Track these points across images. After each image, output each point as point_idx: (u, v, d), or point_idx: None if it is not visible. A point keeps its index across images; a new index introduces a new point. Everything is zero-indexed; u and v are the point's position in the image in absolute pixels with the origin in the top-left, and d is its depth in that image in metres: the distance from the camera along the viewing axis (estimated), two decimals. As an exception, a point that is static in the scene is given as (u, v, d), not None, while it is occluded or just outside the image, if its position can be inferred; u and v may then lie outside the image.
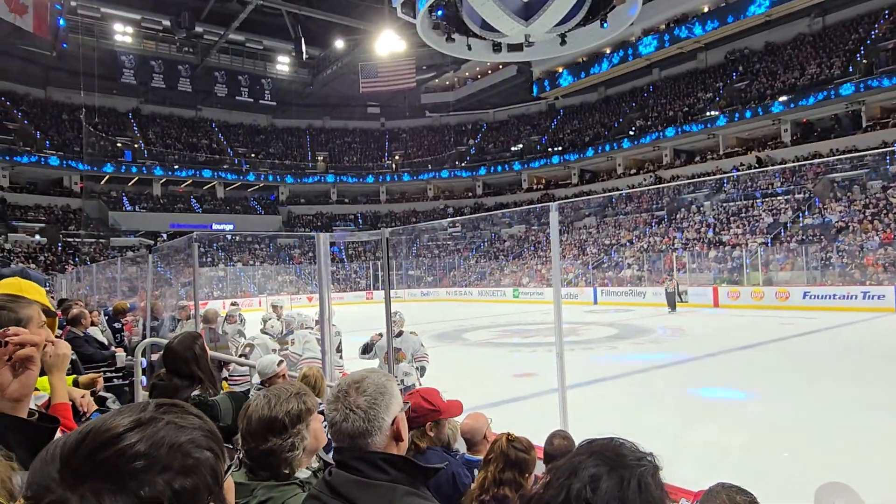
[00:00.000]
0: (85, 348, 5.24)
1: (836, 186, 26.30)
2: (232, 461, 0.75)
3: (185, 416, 0.71)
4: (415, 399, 2.55)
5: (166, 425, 0.68)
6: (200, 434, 0.70)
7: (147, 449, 0.65)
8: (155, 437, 0.66)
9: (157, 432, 0.67)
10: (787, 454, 5.66)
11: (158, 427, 0.67)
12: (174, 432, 0.68)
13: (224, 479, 0.72)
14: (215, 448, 0.71)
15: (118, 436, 0.65)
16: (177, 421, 0.69)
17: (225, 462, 0.73)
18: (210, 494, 0.68)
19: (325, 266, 4.71)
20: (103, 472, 0.63)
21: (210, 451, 0.70)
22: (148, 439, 0.65)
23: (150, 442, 0.65)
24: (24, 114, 37.10)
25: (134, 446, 0.64)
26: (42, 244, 32.20)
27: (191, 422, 0.71)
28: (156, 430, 0.67)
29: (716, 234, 27.28)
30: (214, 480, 0.69)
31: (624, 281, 26.98)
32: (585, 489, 0.81)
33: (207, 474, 0.68)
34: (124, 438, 0.65)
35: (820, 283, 20.73)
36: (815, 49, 31.61)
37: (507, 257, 36.13)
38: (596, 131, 40.36)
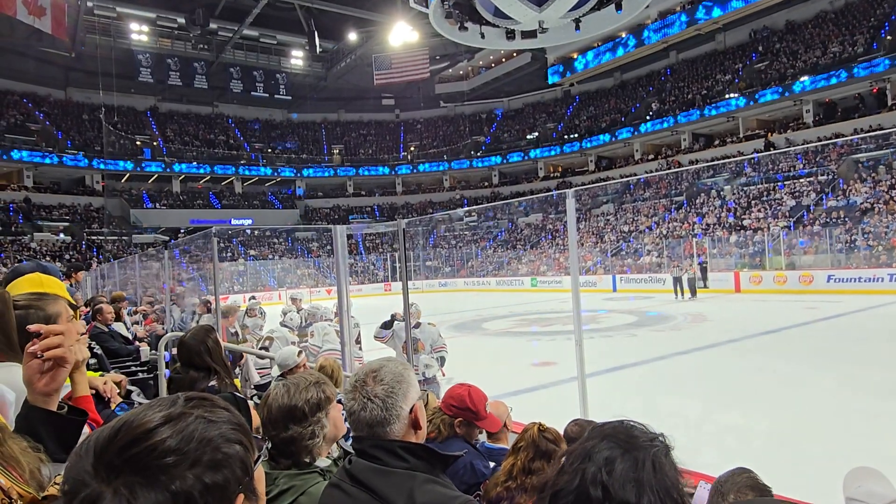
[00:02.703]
0: (110, 343, 5.35)
1: (860, 167, 25.70)
2: (261, 452, 0.76)
3: (215, 411, 0.73)
4: (462, 391, 2.53)
5: (196, 420, 0.69)
6: (229, 427, 0.72)
7: (178, 444, 0.66)
8: (185, 432, 0.67)
9: (187, 427, 0.68)
10: (813, 439, 5.58)
11: (189, 422, 0.69)
12: (204, 427, 0.69)
13: (254, 469, 0.73)
14: (244, 440, 0.72)
15: (150, 431, 0.67)
16: (206, 415, 0.71)
17: (254, 453, 0.74)
18: (240, 485, 0.69)
19: (342, 258, 4.74)
20: (135, 466, 0.64)
21: (239, 444, 0.71)
22: (178, 434, 0.67)
23: (180, 437, 0.67)
24: (46, 115, 37.75)
25: (165, 441, 0.66)
26: (67, 243, 32.86)
27: (220, 416, 0.72)
28: (186, 425, 0.68)
29: (737, 218, 26.86)
30: (244, 472, 0.70)
31: (643, 268, 26.73)
32: (601, 472, 0.81)
33: (237, 467, 0.69)
34: (156, 434, 0.66)
35: (845, 266, 20.33)
36: (838, 26, 30.82)
37: (525, 246, 35.99)
38: (612, 117, 39.89)
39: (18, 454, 1.03)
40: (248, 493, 0.71)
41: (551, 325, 15.29)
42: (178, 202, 40.28)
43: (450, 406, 2.52)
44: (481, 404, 2.55)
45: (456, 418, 2.51)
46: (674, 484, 0.84)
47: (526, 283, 30.50)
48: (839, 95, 29.30)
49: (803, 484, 4.08)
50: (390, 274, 35.02)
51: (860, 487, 1.50)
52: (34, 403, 1.19)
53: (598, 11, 15.23)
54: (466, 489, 2.24)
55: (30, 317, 1.49)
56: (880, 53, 26.77)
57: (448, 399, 2.55)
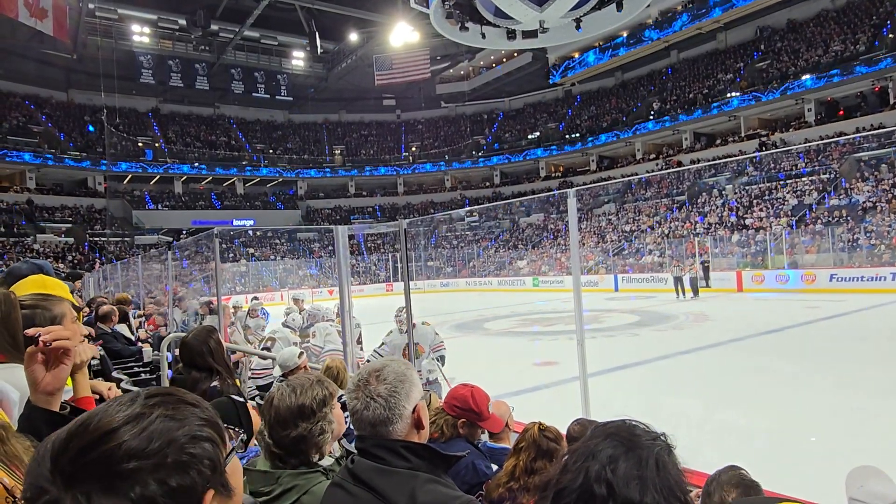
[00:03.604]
0: (113, 344, 5.36)
1: (862, 165, 25.65)
2: (234, 445, 0.72)
3: (179, 407, 0.68)
4: (465, 392, 2.53)
5: (158, 419, 0.65)
6: (196, 424, 0.67)
7: (137, 447, 0.62)
8: (146, 433, 0.63)
9: (148, 427, 0.64)
10: (814, 439, 5.58)
11: (150, 421, 0.64)
12: (167, 426, 0.65)
13: (225, 464, 0.69)
14: (213, 436, 0.68)
15: (108, 434, 0.62)
16: (170, 413, 0.66)
17: (226, 448, 0.70)
18: (208, 483, 0.65)
19: (344, 259, 4.74)
20: (93, 472, 0.61)
21: (208, 440, 0.67)
22: (138, 436, 0.63)
23: (140, 438, 0.63)
24: (48, 117, 37.82)
25: (123, 445, 0.62)
26: (69, 244, 32.92)
27: (185, 412, 0.68)
28: (147, 425, 0.64)
29: (739, 217, 26.83)
30: (213, 470, 0.66)
31: (645, 267, 26.71)
32: (605, 470, 0.82)
33: (205, 467, 0.66)
34: (114, 437, 0.62)
35: (847, 265, 20.29)
36: (840, 25, 30.77)
37: (527, 246, 35.97)
38: (613, 117, 39.86)
39: (22, 453, 1.04)
40: (219, 489, 0.68)
41: (553, 324, 15.28)
42: (180, 203, 40.34)
43: (453, 406, 2.52)
44: (484, 405, 2.54)
45: (459, 419, 2.51)
46: (677, 482, 0.84)
47: (528, 282, 30.49)
48: (841, 94, 29.24)
49: (804, 483, 4.08)
50: (392, 274, 35.04)
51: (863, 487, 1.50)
52: (37, 404, 1.20)
53: (599, 11, 15.21)
54: (468, 489, 2.24)
55: (36, 317, 1.50)
56: (882, 52, 26.71)
57: (451, 399, 2.55)
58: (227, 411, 2.03)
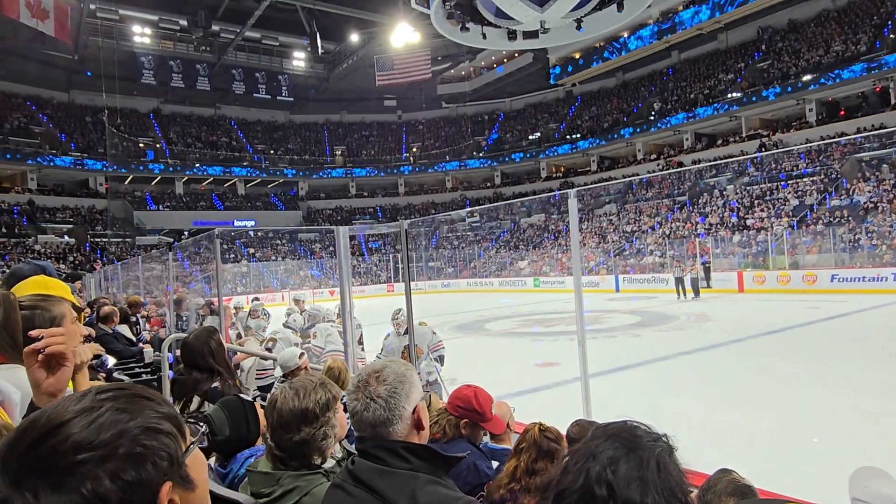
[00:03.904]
0: (114, 345, 5.36)
1: (863, 166, 25.62)
2: (196, 438, 0.70)
3: (133, 400, 0.66)
4: (468, 392, 2.54)
5: (108, 411, 0.63)
6: (152, 417, 0.65)
7: (86, 439, 0.60)
8: (95, 425, 0.61)
9: (97, 419, 0.61)
10: (816, 439, 5.57)
11: (100, 414, 0.62)
12: (117, 418, 0.62)
13: (185, 457, 0.67)
14: (169, 429, 0.66)
15: (56, 428, 0.60)
16: (122, 406, 0.64)
17: (185, 441, 0.68)
18: (165, 476, 0.63)
19: (345, 259, 4.74)
20: (39, 468, 0.58)
21: (163, 433, 0.65)
22: (86, 428, 0.60)
23: (89, 430, 0.60)
24: (49, 117, 37.87)
25: (70, 438, 0.59)
26: (70, 245, 32.95)
27: (137, 405, 0.65)
28: (96, 418, 0.61)
29: (740, 218, 26.81)
30: (170, 463, 0.64)
31: (646, 268, 26.69)
32: (606, 471, 0.82)
33: (161, 459, 0.63)
34: (62, 430, 0.60)
35: (849, 266, 20.26)
36: (841, 25, 30.74)
37: (528, 247, 35.97)
38: (614, 117, 39.85)
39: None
40: (179, 481, 0.65)
41: (554, 325, 15.28)
42: (181, 204, 40.37)
43: (456, 407, 2.52)
44: (487, 406, 2.55)
45: (462, 419, 2.51)
46: (678, 483, 0.84)
47: (529, 283, 30.48)
48: (842, 94, 29.22)
49: (806, 484, 4.07)
50: (393, 275, 35.04)
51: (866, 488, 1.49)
52: (39, 405, 1.20)
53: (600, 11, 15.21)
54: (470, 490, 2.24)
55: (36, 318, 1.50)
56: (883, 52, 26.68)
57: (454, 400, 2.55)
58: (235, 410, 2.03)
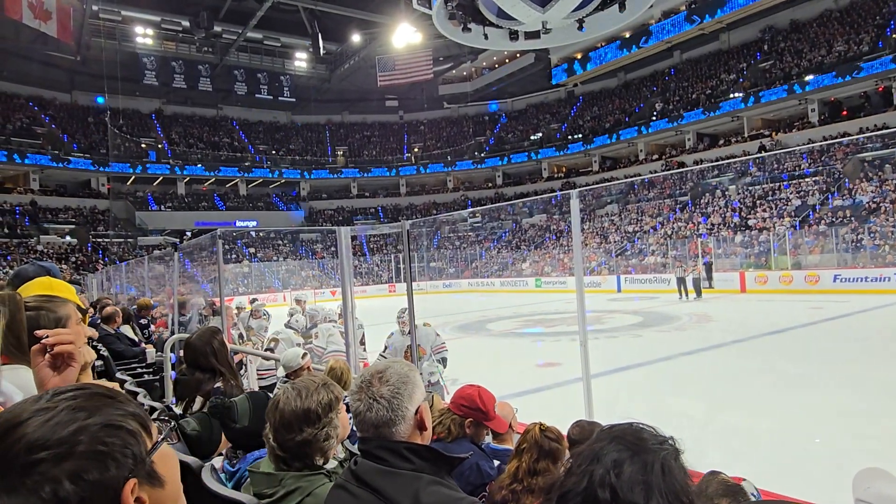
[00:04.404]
0: (116, 345, 5.37)
1: (866, 166, 25.57)
2: (163, 435, 0.68)
3: (91, 398, 0.63)
4: (471, 391, 2.56)
5: (65, 411, 0.60)
6: (115, 414, 0.63)
7: (42, 437, 0.57)
8: (51, 423, 0.59)
9: (53, 417, 0.59)
10: (818, 440, 5.56)
11: (56, 412, 0.60)
12: (75, 416, 0.60)
13: (151, 454, 0.65)
14: (132, 426, 0.64)
15: (10, 429, 0.58)
16: (80, 404, 0.62)
17: (152, 438, 0.66)
18: (129, 473, 0.61)
19: (346, 260, 4.74)
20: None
21: (125, 430, 0.63)
22: (42, 426, 0.58)
23: (45, 429, 0.58)
24: (52, 118, 37.94)
25: (25, 437, 0.57)
26: (73, 245, 33.00)
27: (96, 403, 0.63)
28: (52, 416, 0.59)
29: (742, 218, 26.77)
30: (134, 460, 0.62)
31: (648, 268, 26.67)
32: (609, 474, 0.81)
33: (123, 456, 0.61)
34: (17, 430, 0.58)
35: (851, 266, 20.23)
36: (843, 25, 30.69)
37: (529, 247, 35.96)
38: (616, 117, 39.82)
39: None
40: (145, 478, 0.63)
41: (556, 325, 15.27)
42: (183, 204, 40.42)
43: (460, 406, 2.53)
44: (491, 405, 2.57)
45: (466, 418, 2.52)
46: (682, 488, 0.83)
47: (530, 283, 30.47)
48: (844, 94, 29.16)
49: (809, 485, 4.07)
50: (394, 275, 35.05)
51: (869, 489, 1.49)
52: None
53: (602, 12, 15.20)
54: (472, 490, 2.24)
55: (41, 318, 1.51)
56: (886, 52, 26.63)
57: (458, 399, 2.56)
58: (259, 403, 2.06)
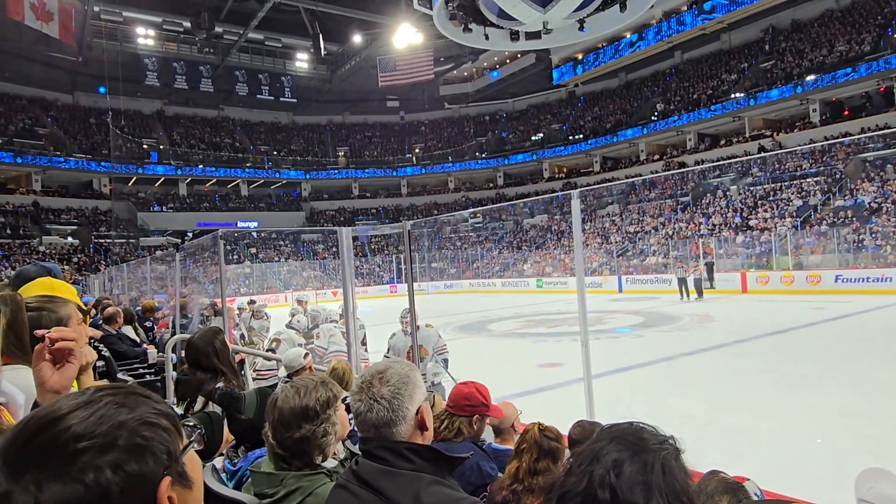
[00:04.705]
0: (118, 345, 5.38)
1: (868, 166, 25.54)
2: (192, 438, 0.71)
3: (129, 397, 0.67)
4: (470, 389, 2.58)
5: (107, 405, 0.64)
6: (148, 411, 0.66)
7: (85, 429, 0.61)
8: (94, 417, 0.62)
9: (96, 412, 0.63)
10: (820, 440, 5.56)
11: (99, 407, 0.63)
12: (115, 410, 0.64)
13: (182, 455, 0.68)
14: (167, 425, 0.67)
15: (55, 420, 0.62)
16: (120, 400, 0.66)
17: (182, 439, 0.69)
18: (165, 470, 0.65)
19: (348, 260, 4.74)
20: (41, 458, 0.59)
21: (161, 428, 0.66)
22: (86, 419, 0.62)
23: (88, 422, 0.61)
24: (54, 119, 38.00)
25: (71, 428, 0.61)
26: (75, 246, 33.05)
27: (135, 401, 0.67)
28: (95, 410, 0.63)
29: (743, 218, 26.75)
30: (169, 457, 0.65)
31: (649, 268, 26.65)
32: (609, 474, 0.81)
33: (160, 453, 0.64)
34: (61, 421, 0.61)
35: (853, 266, 20.20)
36: (844, 25, 30.66)
37: (530, 247, 35.95)
38: (617, 117, 39.80)
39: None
40: (177, 478, 0.66)
41: (557, 325, 15.26)
42: (184, 205, 40.46)
43: (464, 407, 2.53)
44: (489, 396, 2.62)
45: (472, 416, 2.53)
46: (683, 488, 0.83)
47: (531, 284, 30.45)
48: (846, 94, 29.12)
49: (811, 485, 4.06)
50: (396, 276, 35.05)
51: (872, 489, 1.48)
52: (42, 404, 1.20)
53: (603, 12, 15.20)
54: (473, 490, 2.24)
55: (42, 318, 1.51)
56: (887, 52, 26.59)
57: (461, 400, 2.56)
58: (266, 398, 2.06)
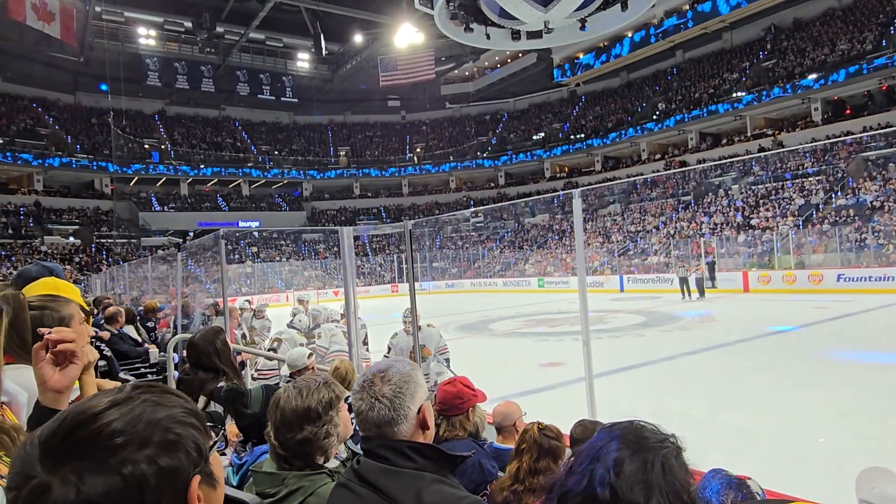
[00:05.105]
0: (119, 345, 5.39)
1: (870, 165, 25.49)
2: (217, 438, 0.74)
3: (163, 396, 0.71)
4: (457, 387, 2.59)
5: (143, 403, 0.68)
6: (180, 411, 0.70)
7: (124, 426, 0.64)
8: (132, 414, 0.66)
9: (133, 409, 0.66)
10: (822, 440, 5.55)
11: (135, 405, 0.67)
12: (152, 409, 0.68)
13: (209, 453, 0.71)
14: (197, 424, 0.71)
15: (95, 416, 0.65)
16: (154, 399, 0.69)
17: (210, 439, 0.72)
18: (196, 468, 0.67)
19: (349, 260, 4.75)
20: (81, 451, 0.62)
21: (192, 426, 0.69)
22: (124, 416, 0.65)
23: (127, 419, 0.65)
24: (55, 119, 38.05)
25: (111, 424, 0.64)
26: (76, 246, 33.09)
27: (169, 400, 0.70)
28: (132, 408, 0.66)
29: (745, 217, 26.71)
30: (199, 455, 0.69)
31: (651, 268, 26.62)
32: (609, 473, 0.80)
33: (191, 449, 0.68)
34: (101, 417, 0.65)
35: (855, 265, 20.16)
36: (846, 24, 30.59)
37: (532, 247, 35.93)
38: (619, 117, 39.76)
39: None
40: (205, 477, 0.69)
41: (559, 325, 15.25)
42: (186, 205, 40.50)
43: (458, 405, 2.54)
44: (471, 383, 2.66)
45: (467, 411, 2.54)
46: (683, 486, 0.83)
47: (533, 283, 30.44)
48: (848, 93, 29.06)
49: (812, 484, 4.06)
50: (397, 275, 35.06)
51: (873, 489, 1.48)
52: (45, 403, 1.21)
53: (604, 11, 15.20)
54: (475, 487, 2.24)
55: (45, 318, 1.52)
56: (889, 50, 26.53)
57: (453, 400, 2.56)
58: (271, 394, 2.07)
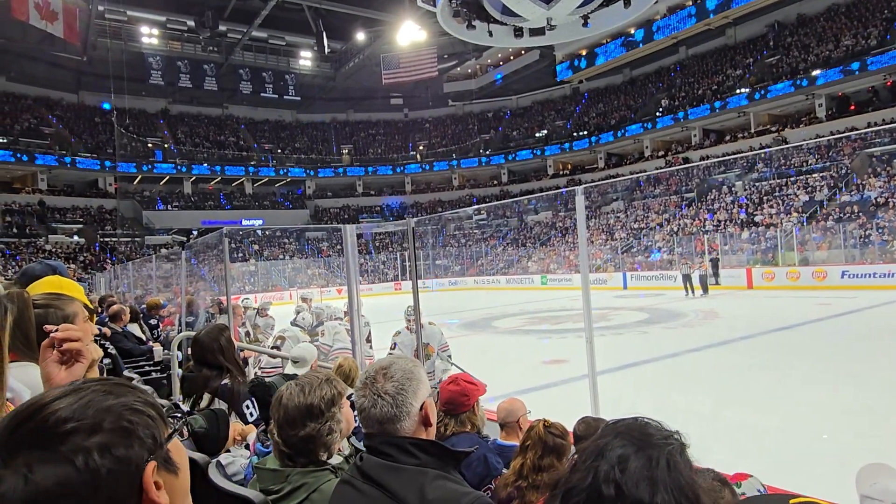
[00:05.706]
0: (124, 343, 5.40)
1: (874, 161, 25.39)
2: (177, 427, 0.74)
3: (116, 387, 0.70)
4: (461, 386, 2.59)
5: (92, 392, 0.67)
6: (133, 399, 0.69)
7: (72, 413, 0.64)
8: (80, 402, 0.65)
9: (82, 398, 0.66)
10: (826, 436, 5.54)
11: (85, 394, 0.67)
12: (102, 397, 0.67)
13: (168, 441, 0.70)
14: (152, 413, 0.70)
15: (43, 406, 0.65)
16: (105, 389, 0.69)
17: (167, 428, 0.71)
18: (151, 454, 0.67)
19: (352, 258, 4.75)
20: (31, 440, 0.62)
21: (146, 415, 0.69)
22: (72, 405, 0.65)
23: (75, 406, 0.65)
24: (59, 118, 38.15)
25: (57, 412, 0.64)
26: (81, 244, 33.20)
27: (121, 391, 0.70)
28: (81, 397, 0.66)
29: (748, 214, 26.64)
30: (154, 442, 0.68)
31: (654, 265, 26.57)
32: (614, 470, 0.80)
33: (146, 437, 0.67)
34: (48, 407, 0.64)
35: (859, 262, 20.09)
36: (850, 19, 30.45)
37: (535, 244, 35.91)
38: (622, 114, 39.67)
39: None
40: (162, 462, 0.69)
41: (562, 322, 15.24)
42: (189, 204, 40.58)
43: (464, 403, 2.54)
44: (472, 377, 2.67)
45: (472, 407, 2.56)
46: (688, 483, 0.82)
47: (536, 280, 30.42)
48: (852, 89, 28.94)
49: (815, 481, 4.05)
50: (400, 273, 35.08)
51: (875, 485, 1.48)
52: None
53: (607, 7, 15.17)
54: (479, 481, 2.24)
55: (49, 316, 1.52)
56: (894, 46, 26.41)
57: (459, 398, 2.56)
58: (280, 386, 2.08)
